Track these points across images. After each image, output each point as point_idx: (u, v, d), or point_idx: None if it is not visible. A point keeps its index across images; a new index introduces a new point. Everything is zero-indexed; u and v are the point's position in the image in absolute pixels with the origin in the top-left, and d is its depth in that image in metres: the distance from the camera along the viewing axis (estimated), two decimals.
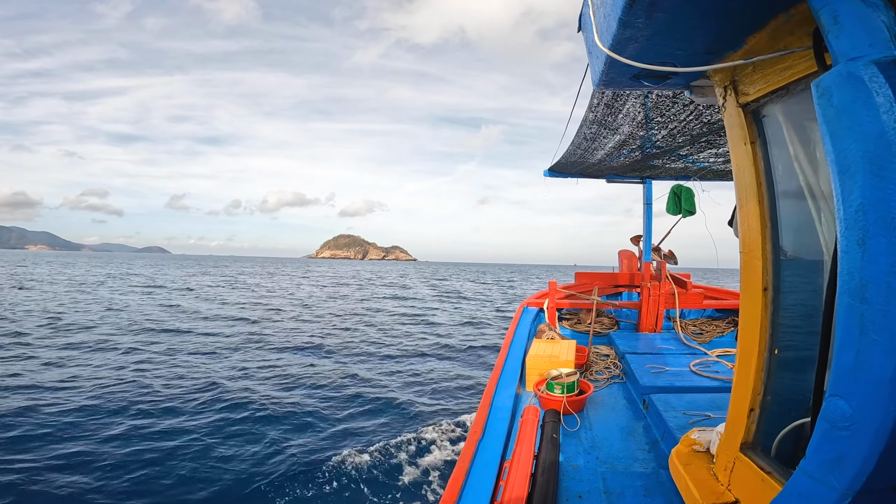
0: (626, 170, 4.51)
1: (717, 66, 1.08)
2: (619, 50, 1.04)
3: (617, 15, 0.93)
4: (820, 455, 0.82)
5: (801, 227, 1.12)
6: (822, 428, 0.81)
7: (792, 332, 1.18)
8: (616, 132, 3.08)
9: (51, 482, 3.86)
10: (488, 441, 2.27)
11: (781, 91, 1.05)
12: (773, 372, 1.19)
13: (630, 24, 0.94)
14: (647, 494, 1.96)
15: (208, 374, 7.33)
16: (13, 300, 17.04)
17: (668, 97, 2.27)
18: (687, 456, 1.46)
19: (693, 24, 0.97)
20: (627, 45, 1.03)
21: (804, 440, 1.12)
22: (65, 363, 7.79)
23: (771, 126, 1.15)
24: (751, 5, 0.93)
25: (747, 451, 1.22)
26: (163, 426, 5.11)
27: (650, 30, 0.97)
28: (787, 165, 1.12)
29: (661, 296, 4.73)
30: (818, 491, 0.79)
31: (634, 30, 0.96)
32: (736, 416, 1.26)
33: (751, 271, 1.20)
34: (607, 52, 1.04)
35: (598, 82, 1.28)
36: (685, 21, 0.95)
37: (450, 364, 8.82)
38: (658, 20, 0.93)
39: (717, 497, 1.23)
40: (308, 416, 5.59)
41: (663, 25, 0.96)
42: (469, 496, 1.79)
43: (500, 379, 3.13)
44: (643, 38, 1.00)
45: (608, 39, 1.03)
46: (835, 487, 0.78)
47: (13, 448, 4.44)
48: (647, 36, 0.99)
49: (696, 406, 2.58)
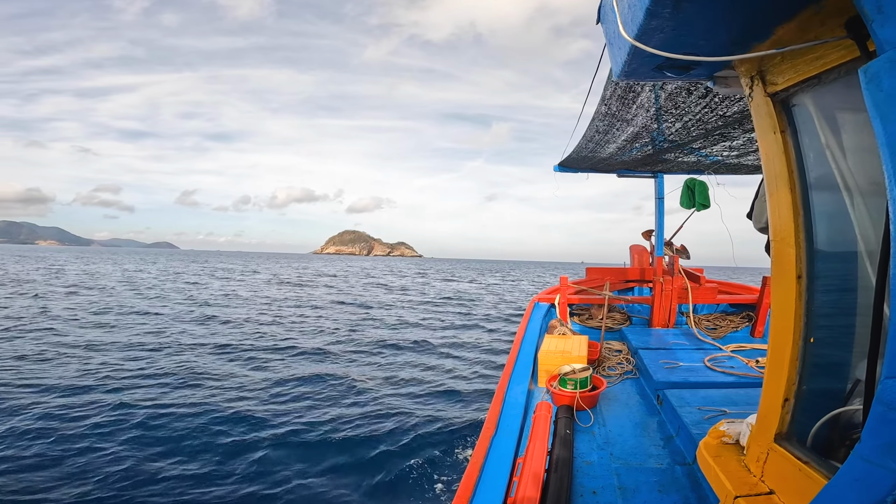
0: (637, 164, 4.46)
1: (746, 56, 1.07)
2: (644, 40, 1.03)
3: (644, 5, 0.92)
4: (876, 438, 0.81)
5: (834, 214, 1.12)
6: (878, 411, 0.80)
7: (828, 320, 1.17)
8: (629, 124, 3.05)
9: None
10: (501, 437, 2.27)
11: (813, 80, 1.04)
12: (808, 361, 1.18)
13: (657, 14, 0.93)
14: (661, 490, 1.95)
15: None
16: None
17: (682, 89, 2.24)
18: (716, 448, 1.45)
19: (720, 15, 0.97)
20: (653, 35, 1.01)
21: (839, 430, 1.12)
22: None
23: (801, 115, 1.14)
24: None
25: (782, 441, 1.21)
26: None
27: (676, 20, 0.96)
28: (819, 153, 1.11)
29: (673, 290, 4.68)
30: (876, 474, 0.79)
31: (661, 20, 0.95)
32: (769, 407, 1.25)
33: (783, 259, 1.19)
34: (632, 41, 1.02)
35: (619, 73, 1.27)
36: (713, 12, 0.95)
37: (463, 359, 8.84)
38: (686, 10, 0.92)
39: (751, 488, 1.22)
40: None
41: (690, 16, 0.95)
42: (483, 492, 1.79)
43: (512, 375, 3.13)
44: (669, 29, 0.99)
45: (633, 30, 1.02)
46: (893, 469, 0.77)
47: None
48: (673, 26, 0.98)
49: (711, 401, 2.56)
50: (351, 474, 4.17)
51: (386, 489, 3.96)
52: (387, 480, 4.08)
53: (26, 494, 3.66)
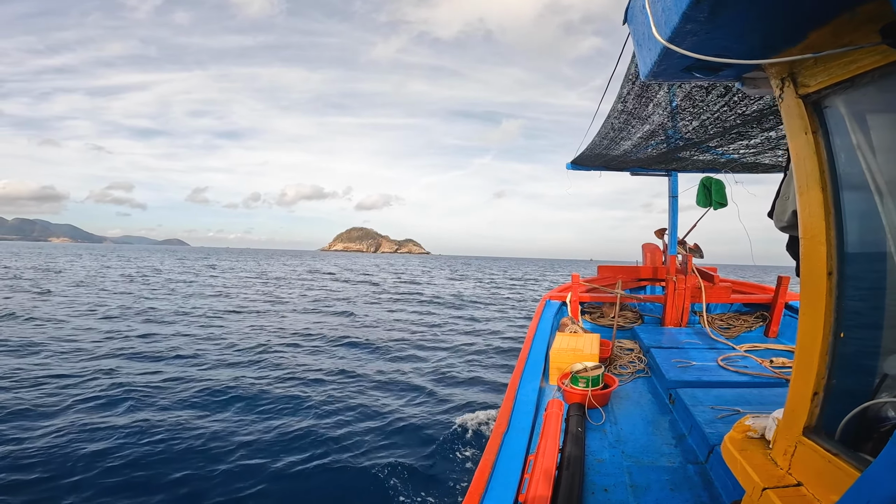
0: (651, 162, 4.43)
1: (780, 60, 1.09)
2: (677, 42, 1.04)
3: (681, 9, 0.93)
4: None
5: (865, 212, 1.14)
6: None
7: (857, 317, 1.19)
8: (645, 121, 3.03)
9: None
10: (513, 434, 2.29)
11: (846, 83, 1.05)
12: (837, 355, 1.20)
13: (693, 19, 0.94)
14: (673, 489, 1.96)
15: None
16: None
17: (701, 87, 2.23)
18: (741, 442, 1.48)
19: (755, 20, 0.98)
20: (686, 38, 1.02)
21: (867, 423, 1.15)
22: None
23: (832, 116, 1.15)
24: (816, 3, 0.93)
25: (810, 434, 1.23)
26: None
27: (712, 24, 0.97)
28: (850, 154, 1.13)
29: (686, 289, 4.65)
30: None
31: (696, 24, 0.96)
32: (798, 400, 1.27)
33: (814, 256, 1.21)
34: (665, 43, 1.03)
35: (647, 74, 1.28)
36: (748, 16, 0.96)
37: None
38: (722, 15, 0.93)
39: (778, 480, 1.25)
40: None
41: (726, 20, 0.96)
42: (495, 489, 1.81)
43: (523, 372, 3.15)
44: (703, 32, 1.00)
45: (666, 32, 1.03)
46: None
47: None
48: (708, 30, 0.99)
49: (724, 401, 2.56)
50: (353, 472, 4.18)
51: (396, 485, 3.99)
52: (398, 476, 4.11)
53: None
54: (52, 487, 3.67)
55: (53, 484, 3.71)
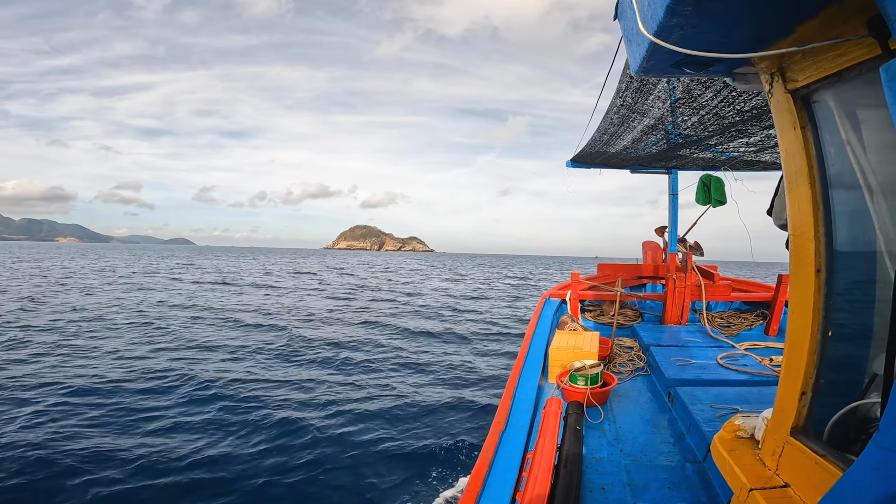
0: (651, 160, 4.41)
1: (766, 54, 1.08)
2: (664, 37, 1.04)
3: (665, 2, 0.93)
4: (895, 427, 0.82)
5: (854, 209, 1.12)
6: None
7: (846, 315, 1.18)
8: (644, 116, 3.02)
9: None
10: (511, 432, 2.28)
11: (834, 77, 1.05)
12: (826, 355, 1.18)
13: (678, 12, 0.94)
14: (671, 488, 1.95)
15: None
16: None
17: (699, 82, 2.22)
18: (731, 442, 1.46)
19: (743, 13, 0.97)
20: (672, 32, 1.02)
21: (855, 424, 1.13)
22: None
23: (821, 111, 1.14)
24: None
25: (798, 435, 1.22)
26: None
27: (698, 17, 0.96)
28: (839, 150, 1.12)
29: (686, 287, 4.63)
30: (894, 462, 0.80)
31: (682, 17, 0.95)
32: (786, 400, 1.26)
33: (802, 253, 1.20)
34: (651, 38, 1.03)
35: (637, 69, 1.27)
36: (735, 10, 0.95)
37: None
38: (708, 9, 0.93)
39: (766, 481, 1.23)
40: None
41: (712, 14, 0.95)
42: (492, 487, 1.80)
43: (522, 370, 3.14)
44: (689, 26, 0.99)
45: (652, 26, 1.02)
46: None
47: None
48: (694, 24, 0.98)
49: (723, 399, 2.55)
50: (353, 469, 4.19)
51: (395, 482, 4.00)
52: (395, 473, 4.12)
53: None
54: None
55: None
